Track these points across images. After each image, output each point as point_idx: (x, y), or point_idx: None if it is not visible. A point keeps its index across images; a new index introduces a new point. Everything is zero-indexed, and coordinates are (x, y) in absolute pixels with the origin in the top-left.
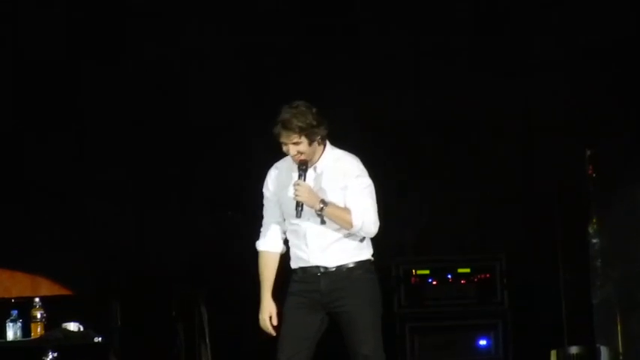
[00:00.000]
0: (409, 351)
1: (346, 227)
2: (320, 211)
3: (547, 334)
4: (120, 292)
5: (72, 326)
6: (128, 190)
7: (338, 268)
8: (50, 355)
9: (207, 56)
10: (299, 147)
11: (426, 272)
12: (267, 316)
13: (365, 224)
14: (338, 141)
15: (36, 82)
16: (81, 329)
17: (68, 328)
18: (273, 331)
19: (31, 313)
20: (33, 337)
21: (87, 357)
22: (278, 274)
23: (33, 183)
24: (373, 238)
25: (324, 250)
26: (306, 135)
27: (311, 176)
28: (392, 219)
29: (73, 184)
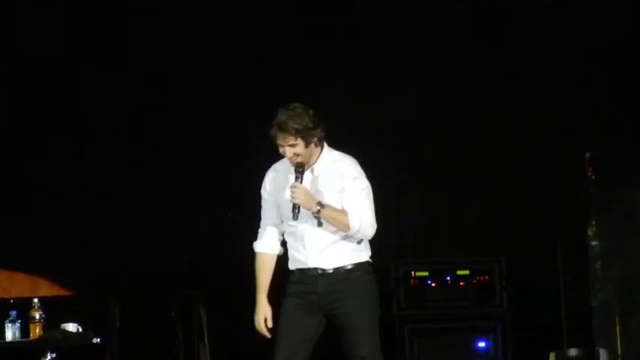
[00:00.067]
0: (408, 353)
1: (343, 229)
2: (317, 214)
3: (546, 336)
4: (119, 293)
5: (71, 327)
6: (128, 191)
7: (336, 270)
8: (49, 356)
9: (207, 56)
10: (295, 149)
11: (425, 274)
12: (261, 318)
13: (362, 226)
14: (337, 141)
15: (36, 83)
16: (80, 330)
17: (67, 329)
18: (267, 333)
19: (30, 314)
20: (32, 338)
21: (85, 358)
22: (275, 276)
23: (33, 183)
24: (372, 239)
25: (322, 252)
26: (302, 137)
27: (308, 178)
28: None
29: (73, 185)
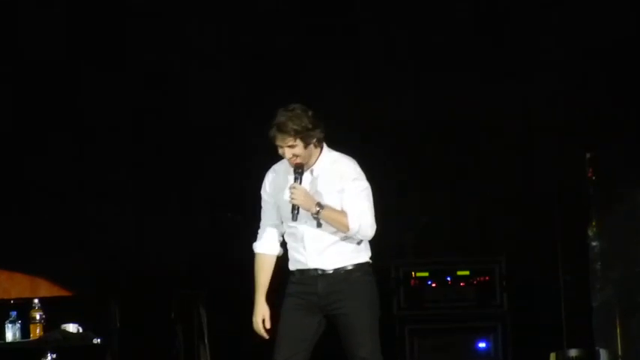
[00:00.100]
0: (408, 353)
1: (343, 230)
2: (316, 215)
3: (546, 337)
4: (119, 293)
5: (71, 327)
6: (128, 191)
7: (336, 271)
8: (49, 357)
9: (207, 56)
10: (294, 150)
11: (426, 274)
12: (259, 319)
13: (362, 227)
14: (337, 141)
15: (36, 83)
16: (80, 330)
17: (67, 330)
18: (265, 334)
19: (30, 315)
20: (32, 339)
21: (86, 358)
22: (274, 276)
23: (33, 183)
24: (372, 240)
25: (322, 253)
26: (301, 138)
27: (307, 179)
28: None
29: (73, 185)
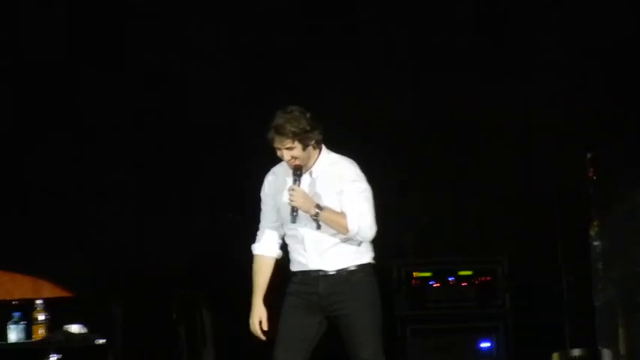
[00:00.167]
0: (410, 353)
1: (342, 232)
2: (315, 216)
3: (549, 337)
4: (122, 294)
5: (75, 328)
6: (128, 191)
7: (338, 272)
8: (52, 358)
9: (207, 56)
10: (293, 152)
11: (428, 274)
12: (257, 321)
13: (361, 229)
14: (337, 142)
15: (36, 83)
16: (84, 331)
17: (71, 330)
18: (262, 336)
19: (33, 315)
20: (35, 339)
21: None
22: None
23: (33, 183)
24: (373, 240)
25: (323, 255)
26: (299, 140)
27: (306, 181)
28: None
29: (73, 185)
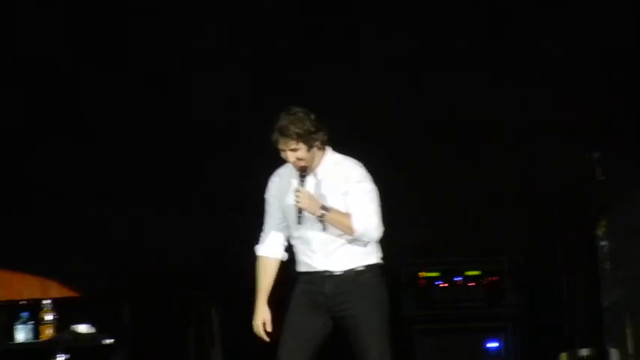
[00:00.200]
0: (418, 353)
1: (348, 233)
2: (321, 217)
3: (557, 336)
4: (130, 294)
5: (83, 328)
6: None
7: (345, 272)
8: (60, 357)
9: (207, 56)
10: (297, 153)
11: (435, 275)
12: (260, 322)
13: (367, 230)
14: (337, 142)
15: (36, 83)
16: (92, 331)
17: (78, 330)
18: (266, 337)
19: (41, 315)
20: (43, 339)
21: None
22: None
23: (33, 183)
24: (380, 241)
25: (330, 256)
26: (303, 141)
27: (311, 182)
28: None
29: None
